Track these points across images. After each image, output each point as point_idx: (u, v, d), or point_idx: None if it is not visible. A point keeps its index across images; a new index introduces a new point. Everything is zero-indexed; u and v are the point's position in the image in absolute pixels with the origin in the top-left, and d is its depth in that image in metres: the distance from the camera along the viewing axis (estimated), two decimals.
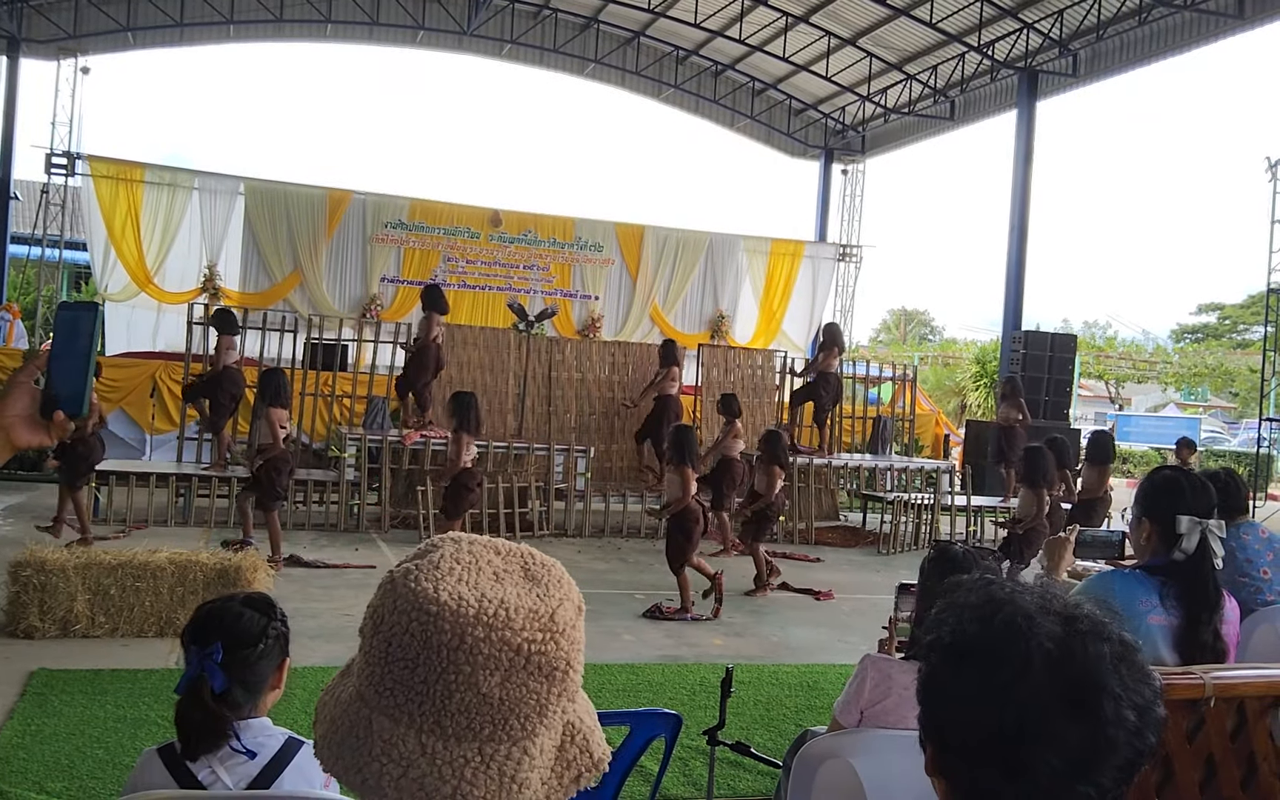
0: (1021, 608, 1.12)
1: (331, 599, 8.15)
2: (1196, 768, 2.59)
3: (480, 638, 0.96)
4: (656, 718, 3.26)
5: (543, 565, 1.06)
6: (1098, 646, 1.09)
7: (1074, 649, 1.08)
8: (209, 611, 2.35)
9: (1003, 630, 1.11)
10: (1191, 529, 2.97)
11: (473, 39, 21.74)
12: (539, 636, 0.99)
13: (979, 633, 1.12)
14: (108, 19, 19.66)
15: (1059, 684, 1.07)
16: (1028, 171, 18.48)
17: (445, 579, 1.00)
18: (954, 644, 1.14)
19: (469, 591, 0.99)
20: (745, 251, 21.29)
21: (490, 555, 1.05)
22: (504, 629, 0.97)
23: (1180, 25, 16.52)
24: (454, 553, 1.03)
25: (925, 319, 57.78)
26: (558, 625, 1.00)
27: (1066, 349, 17.80)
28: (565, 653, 1.01)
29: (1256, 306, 34.44)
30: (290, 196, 18.08)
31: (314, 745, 1.05)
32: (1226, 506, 4.41)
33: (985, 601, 1.15)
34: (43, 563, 6.59)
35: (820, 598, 9.49)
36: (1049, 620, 1.10)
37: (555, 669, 1.00)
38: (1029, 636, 1.09)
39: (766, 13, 19.98)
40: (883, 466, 14.20)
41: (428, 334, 11.61)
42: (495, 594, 0.99)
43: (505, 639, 0.97)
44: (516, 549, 1.08)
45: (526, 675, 0.98)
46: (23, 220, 22.21)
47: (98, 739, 4.98)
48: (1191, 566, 2.97)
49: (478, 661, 0.96)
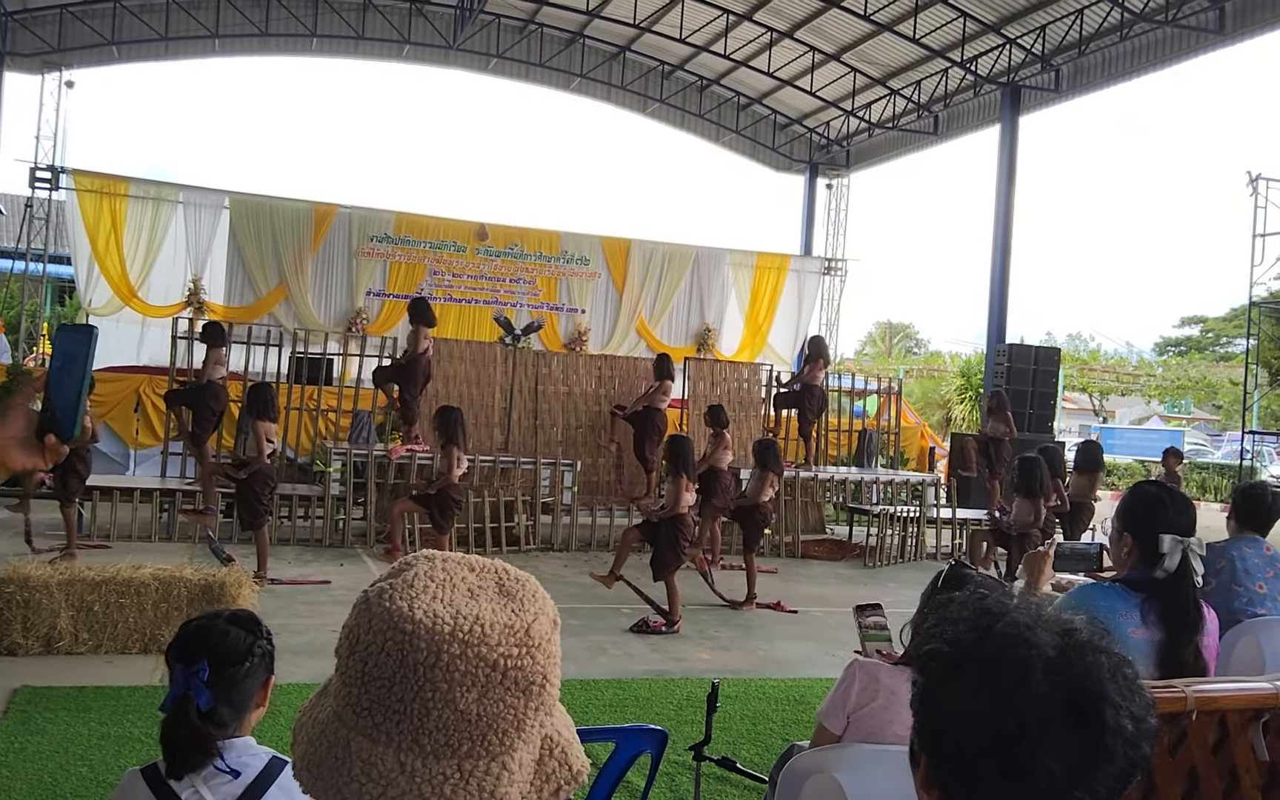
0: (1019, 619, 1.13)
1: (317, 615, 8.12)
2: (1179, 781, 2.60)
3: (456, 654, 0.96)
4: (642, 734, 3.26)
5: (517, 580, 1.06)
6: (1095, 657, 1.10)
7: (1073, 659, 1.09)
8: (194, 629, 2.34)
9: (1002, 639, 1.12)
10: (1174, 548, 2.97)
11: (459, 53, 21.75)
12: (514, 651, 0.99)
13: (978, 641, 1.13)
14: (92, 33, 19.62)
15: (1059, 692, 1.08)
16: (1011, 185, 18.59)
17: (420, 597, 1.00)
18: (953, 653, 1.15)
19: (444, 609, 0.99)
20: (731, 265, 21.34)
21: (464, 572, 1.05)
22: (479, 645, 0.97)
23: (1161, 40, 16.66)
24: (428, 571, 1.04)
25: (910, 332, 57.92)
26: (533, 639, 1.00)
27: (1050, 362, 17.88)
28: (541, 667, 1.01)
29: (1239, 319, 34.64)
30: (275, 210, 18.04)
31: (292, 767, 1.05)
32: (1252, 521, 4.46)
33: (982, 612, 1.16)
34: (26, 579, 6.56)
35: (739, 607, 9.46)
36: (1046, 632, 1.12)
37: (532, 683, 1.00)
38: (1029, 645, 1.10)
39: (752, 28, 20.07)
40: (868, 479, 14.24)
41: (416, 347, 11.56)
42: (470, 611, 0.99)
43: (481, 655, 0.97)
44: (491, 565, 1.08)
45: (503, 690, 0.98)
46: (6, 234, 22.15)
47: (81, 757, 4.95)
48: (1173, 585, 2.97)
49: (454, 678, 0.96)
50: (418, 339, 11.55)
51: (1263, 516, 4.51)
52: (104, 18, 19.67)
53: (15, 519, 11.07)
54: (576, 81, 23.07)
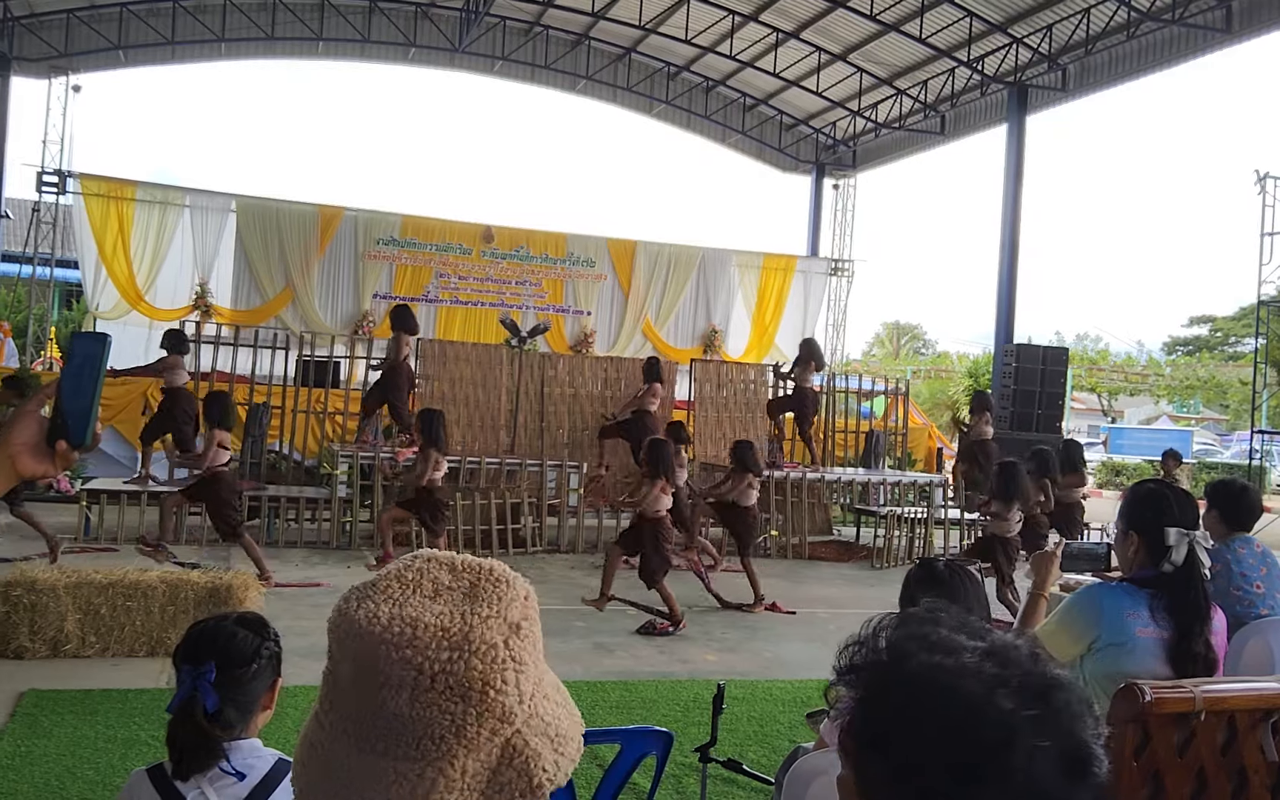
0: (937, 660, 1.05)
1: (323, 618, 8.08)
2: (1187, 782, 2.59)
3: (383, 655, 0.97)
4: (648, 735, 3.25)
5: (497, 582, 1.04)
6: (1079, 709, 1.03)
7: (1060, 726, 1.01)
8: (202, 631, 2.34)
9: (919, 674, 1.06)
10: (1179, 541, 2.98)
11: (464, 56, 21.78)
12: (444, 655, 0.97)
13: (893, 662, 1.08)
14: (99, 37, 19.68)
15: (1056, 765, 0.99)
16: (1018, 185, 18.56)
17: (371, 598, 1.01)
18: (869, 729, 1.08)
19: (387, 610, 0.99)
20: (737, 266, 21.35)
21: (438, 572, 1.05)
22: (405, 648, 0.97)
23: (1168, 39, 16.63)
24: (400, 571, 1.04)
25: (918, 333, 57.80)
26: (471, 644, 0.98)
27: (1058, 362, 17.83)
28: (480, 672, 0.98)
29: (1247, 319, 34.54)
30: (282, 214, 18.08)
31: (293, 779, 1.07)
32: (1238, 520, 4.44)
33: (907, 638, 1.09)
34: (33, 582, 6.57)
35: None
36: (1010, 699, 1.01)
37: (471, 689, 0.97)
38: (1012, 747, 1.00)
39: (757, 29, 20.06)
40: (876, 480, 14.20)
41: (398, 354, 11.60)
42: (409, 614, 0.99)
43: (407, 658, 0.96)
44: (479, 566, 1.06)
45: (435, 694, 0.96)
46: (14, 239, 22.17)
47: (88, 760, 4.96)
48: (1181, 578, 2.98)
49: (383, 680, 0.97)
50: (399, 345, 11.58)
51: (1247, 514, 4.50)
52: (110, 22, 19.73)
53: (20, 525, 11.12)
54: (582, 83, 23.09)
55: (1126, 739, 2.50)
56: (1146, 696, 2.47)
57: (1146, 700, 2.47)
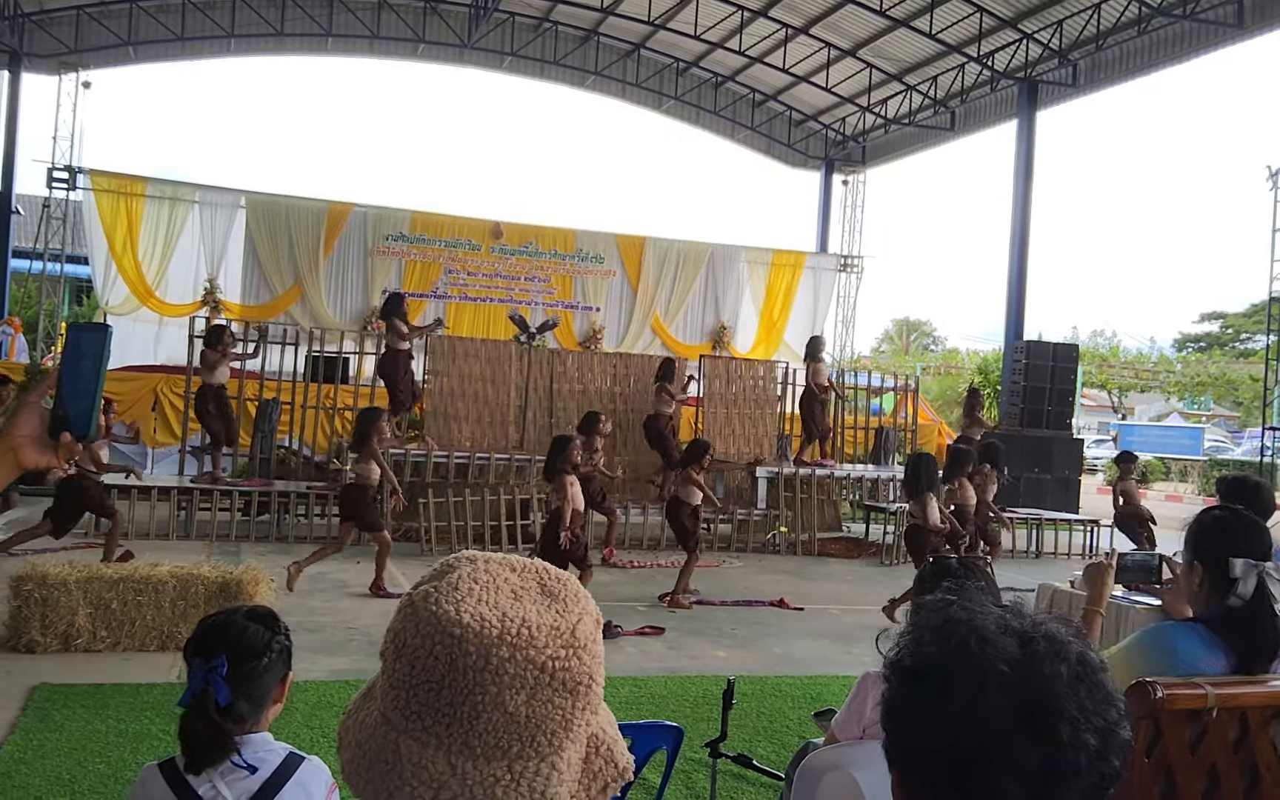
0: (977, 629, 1.07)
1: (334, 613, 8.15)
2: (1199, 779, 2.58)
3: (505, 657, 0.97)
4: (658, 730, 3.25)
5: (558, 580, 1.07)
6: (1055, 667, 1.04)
7: (1030, 670, 1.04)
8: (213, 625, 2.35)
9: (957, 652, 1.07)
10: (1247, 572, 2.75)
11: (473, 52, 21.79)
12: (561, 653, 1.00)
13: (934, 655, 1.09)
14: (109, 33, 19.74)
15: (1014, 706, 1.02)
16: (1028, 181, 18.52)
17: (466, 600, 1.00)
18: (912, 666, 1.11)
19: (490, 611, 1.00)
20: (746, 262, 21.32)
21: (507, 573, 1.06)
22: (528, 648, 0.98)
23: (1180, 34, 16.56)
24: (471, 572, 1.04)
25: (927, 329, 57.76)
26: (579, 640, 1.01)
27: (1069, 359, 17.77)
28: (588, 667, 1.02)
29: (1259, 315, 34.44)
30: (291, 209, 18.11)
31: (342, 770, 1.06)
32: (1260, 517, 4.37)
33: (942, 623, 1.11)
34: (44, 577, 6.59)
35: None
36: (1006, 640, 1.06)
37: (579, 684, 1.01)
38: (982, 658, 1.05)
39: (766, 24, 20.04)
40: (885, 477, 14.19)
41: (395, 344, 11.81)
42: (516, 613, 1.00)
43: (529, 657, 0.98)
44: (531, 565, 1.09)
45: (551, 692, 0.99)
46: (24, 234, 22.27)
47: (99, 753, 4.97)
48: (1249, 613, 2.75)
49: (504, 682, 0.97)
50: (394, 336, 11.76)
51: (1261, 512, 4.42)
52: (120, 18, 19.78)
53: (33, 517, 11.16)
54: (591, 79, 23.08)
55: (1139, 736, 2.49)
56: (1158, 693, 2.46)
57: (1158, 697, 2.46)
